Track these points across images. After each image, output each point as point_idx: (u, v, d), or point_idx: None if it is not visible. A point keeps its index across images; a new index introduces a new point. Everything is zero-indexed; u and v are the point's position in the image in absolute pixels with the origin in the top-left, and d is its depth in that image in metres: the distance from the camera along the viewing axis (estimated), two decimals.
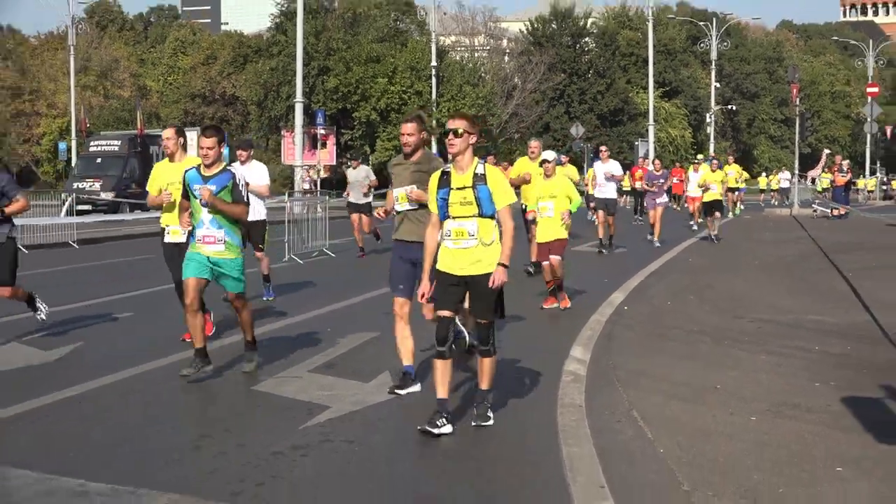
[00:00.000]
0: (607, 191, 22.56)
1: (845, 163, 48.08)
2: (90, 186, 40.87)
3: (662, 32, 74.58)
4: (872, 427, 8.08)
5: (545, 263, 13.66)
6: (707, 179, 28.00)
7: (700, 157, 45.32)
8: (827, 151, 57.29)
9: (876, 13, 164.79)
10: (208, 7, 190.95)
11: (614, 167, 23.35)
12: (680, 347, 12.33)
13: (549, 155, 13.40)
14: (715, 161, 31.81)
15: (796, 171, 59.64)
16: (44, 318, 12.57)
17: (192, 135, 27.02)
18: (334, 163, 55.74)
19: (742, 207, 47.08)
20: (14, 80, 79.39)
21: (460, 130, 6.63)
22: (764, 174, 71.30)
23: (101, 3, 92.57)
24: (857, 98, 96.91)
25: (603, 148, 25.14)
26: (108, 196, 38.29)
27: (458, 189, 6.63)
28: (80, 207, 34.50)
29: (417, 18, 79.48)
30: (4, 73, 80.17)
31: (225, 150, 10.24)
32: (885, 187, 72.45)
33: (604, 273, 19.38)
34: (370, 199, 22.52)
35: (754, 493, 6.39)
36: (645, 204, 29.20)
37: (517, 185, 15.71)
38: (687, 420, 8.59)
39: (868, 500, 6.43)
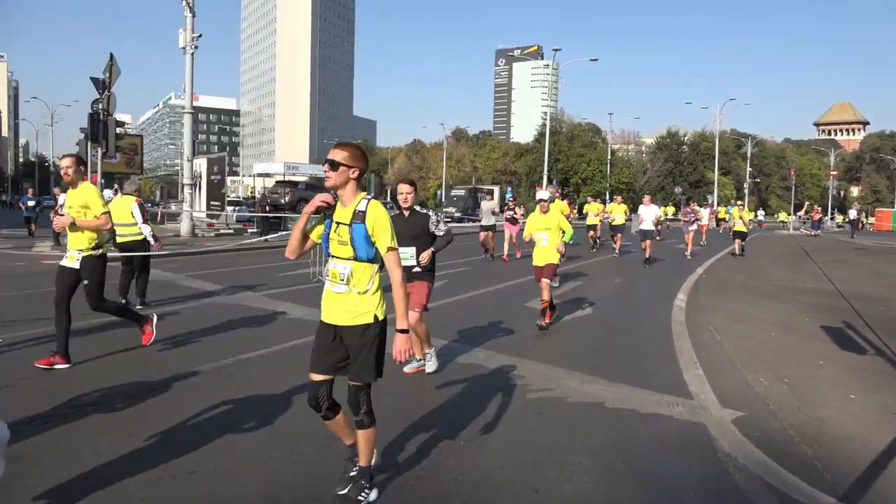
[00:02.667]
0: (647, 225, 18.39)
1: (818, 208, 47.82)
2: (450, 209, 48.09)
3: (722, 143, 73.99)
4: (836, 341, 8.12)
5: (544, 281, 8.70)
6: (735, 216, 23.45)
7: (736, 202, 42.30)
8: (808, 203, 59.75)
9: (835, 134, 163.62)
10: (504, 129, 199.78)
11: (654, 210, 18.92)
12: (732, 295, 12.20)
13: (544, 195, 9.28)
14: (740, 203, 28.58)
15: (792, 213, 60.78)
16: None
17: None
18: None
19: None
20: (419, 163, 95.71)
21: (337, 162, 3.55)
22: (757, 213, 69.95)
23: (457, 129, 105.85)
24: (823, 177, 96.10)
25: (647, 197, 19.79)
26: (458, 214, 45.11)
27: (338, 224, 3.57)
28: (446, 219, 42.69)
29: (601, 136, 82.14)
30: (416, 160, 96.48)
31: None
32: (837, 222, 71.24)
33: (692, 263, 19.05)
34: (494, 221, 18.86)
35: (776, 370, 6.63)
36: (682, 229, 23.40)
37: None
38: (737, 331, 8.69)
39: (836, 376, 6.52)
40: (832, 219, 71.27)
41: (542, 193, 9.08)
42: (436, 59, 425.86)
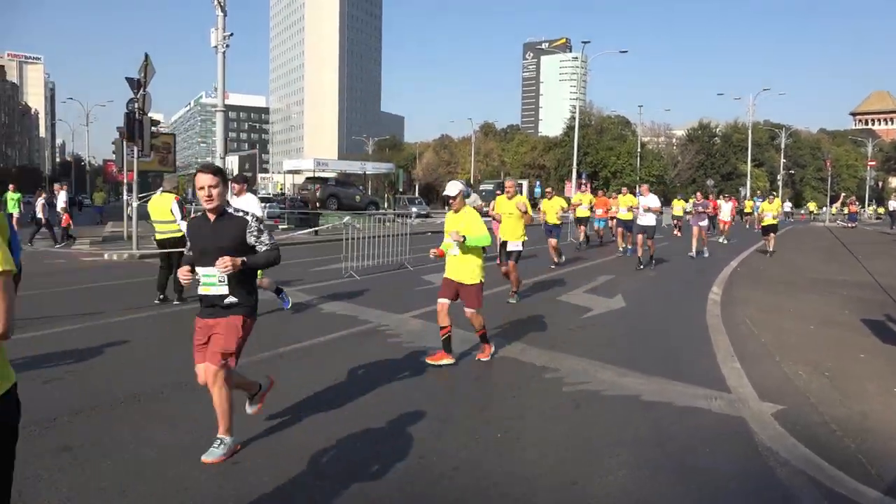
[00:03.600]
0: (647, 219, 15.00)
1: (854, 199, 46.53)
2: (478, 203, 47.80)
3: (755, 134, 72.06)
4: (878, 334, 7.97)
5: (441, 302, 6.22)
6: (764, 208, 19.66)
7: (770, 193, 38.00)
8: (844, 194, 58.14)
9: (873, 123, 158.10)
10: (532, 122, 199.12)
11: (653, 201, 15.21)
12: (768, 287, 12.00)
13: (453, 189, 6.28)
14: (773, 194, 24.63)
15: (828, 204, 59.40)
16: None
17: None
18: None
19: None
20: (448, 158, 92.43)
21: None
22: (784, 205, 68.54)
23: (485, 123, 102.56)
24: (861, 167, 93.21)
25: (644, 186, 16.36)
26: (486, 208, 44.28)
27: None
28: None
29: (631, 128, 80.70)
30: (444, 155, 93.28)
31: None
32: (869, 212, 69.30)
33: (725, 256, 18.50)
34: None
35: (815, 363, 6.51)
36: (690, 223, 18.82)
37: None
38: (774, 324, 8.54)
39: (879, 369, 6.38)
40: (864, 209, 69.40)
41: (451, 187, 6.32)
42: (464, 54, 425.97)
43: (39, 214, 19.13)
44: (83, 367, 5.85)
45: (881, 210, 66.18)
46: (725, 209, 25.25)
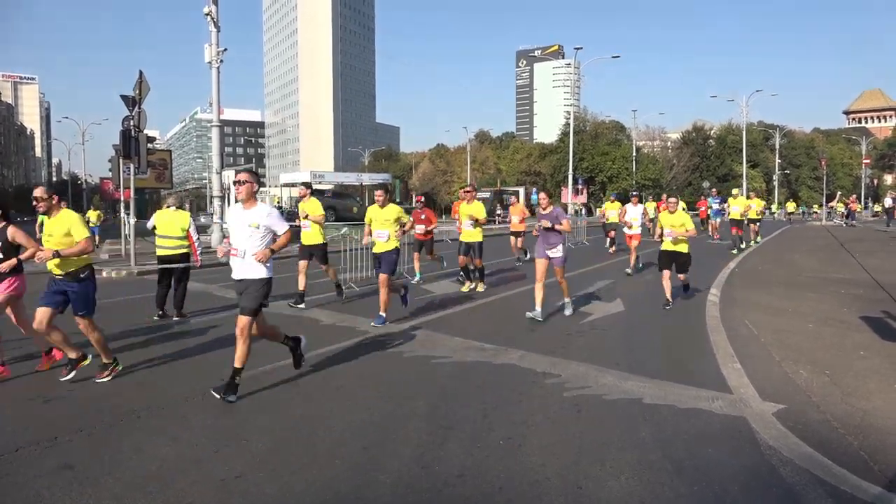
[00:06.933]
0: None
1: (854, 198, 46.31)
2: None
3: (749, 135, 72.09)
4: (877, 331, 7.98)
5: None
6: (661, 222, 10.70)
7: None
8: (839, 192, 58.25)
9: (866, 121, 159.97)
10: (527, 130, 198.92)
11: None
12: (767, 288, 11.93)
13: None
14: (672, 199, 11.60)
15: (824, 203, 59.40)
16: None
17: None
18: (586, 200, 61.21)
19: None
20: (444, 167, 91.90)
21: None
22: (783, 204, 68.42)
23: (480, 132, 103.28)
24: (856, 166, 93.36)
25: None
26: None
27: None
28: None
29: (626, 133, 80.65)
30: (440, 164, 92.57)
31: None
32: (872, 211, 69.42)
33: (721, 258, 18.80)
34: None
35: (816, 362, 6.52)
36: (536, 253, 9.23)
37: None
38: (774, 324, 8.52)
39: (879, 366, 6.38)
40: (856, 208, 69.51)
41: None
42: (457, 63, 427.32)
43: None
44: (83, 385, 5.83)
45: (877, 207, 66.15)
46: (632, 214, 15.38)
